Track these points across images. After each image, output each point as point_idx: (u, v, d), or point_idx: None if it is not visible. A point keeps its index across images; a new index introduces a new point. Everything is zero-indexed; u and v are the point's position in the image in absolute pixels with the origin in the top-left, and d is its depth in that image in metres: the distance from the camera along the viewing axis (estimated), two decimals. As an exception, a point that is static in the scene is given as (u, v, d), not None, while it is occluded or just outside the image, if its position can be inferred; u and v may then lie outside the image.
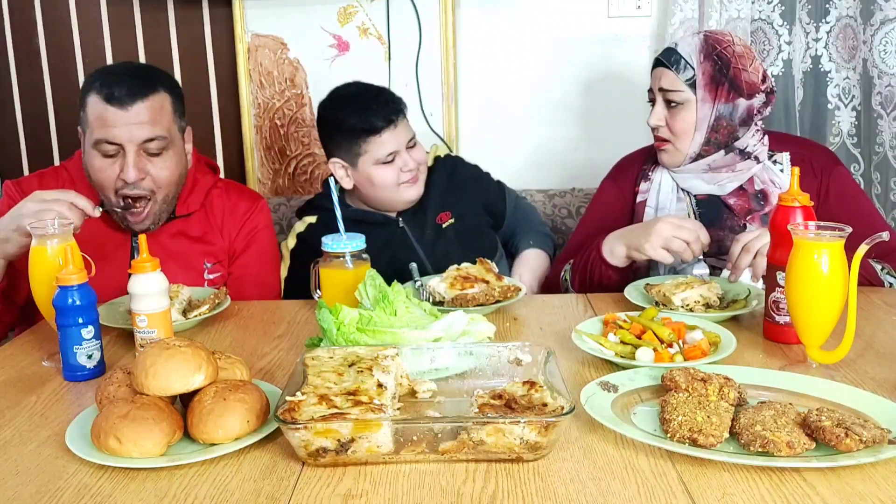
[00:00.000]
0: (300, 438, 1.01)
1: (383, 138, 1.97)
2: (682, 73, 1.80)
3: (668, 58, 1.83)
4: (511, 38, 2.60)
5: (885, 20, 2.26)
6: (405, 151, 2.00)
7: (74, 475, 1.04)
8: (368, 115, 1.96)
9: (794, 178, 1.44)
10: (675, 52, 1.82)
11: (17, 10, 2.70)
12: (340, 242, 1.54)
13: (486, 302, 1.61)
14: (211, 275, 1.91)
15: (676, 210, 1.89)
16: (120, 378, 1.17)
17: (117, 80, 1.72)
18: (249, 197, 2.03)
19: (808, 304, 1.27)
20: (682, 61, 1.80)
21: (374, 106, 1.98)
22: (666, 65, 1.82)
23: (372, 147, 1.97)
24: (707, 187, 1.88)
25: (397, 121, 1.99)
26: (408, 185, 2.03)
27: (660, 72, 1.84)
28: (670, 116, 1.83)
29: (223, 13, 2.63)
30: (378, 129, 1.96)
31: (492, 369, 1.24)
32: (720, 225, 1.85)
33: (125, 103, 1.70)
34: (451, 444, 1.02)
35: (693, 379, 1.14)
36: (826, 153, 1.93)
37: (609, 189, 2.02)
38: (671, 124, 1.83)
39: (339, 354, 1.21)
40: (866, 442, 0.98)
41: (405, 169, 2.00)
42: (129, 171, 1.71)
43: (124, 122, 1.70)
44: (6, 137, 2.79)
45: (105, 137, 1.70)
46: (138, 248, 1.38)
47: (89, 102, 1.73)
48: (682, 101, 1.81)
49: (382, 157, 1.98)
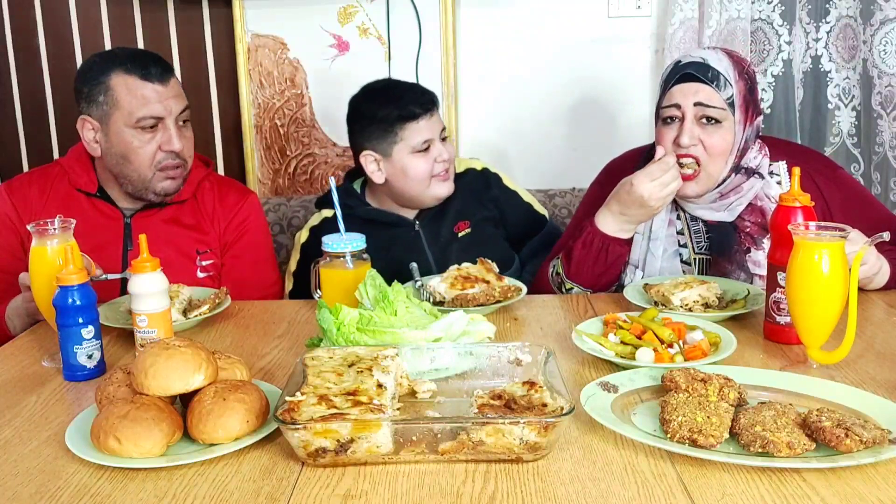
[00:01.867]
0: (300, 439, 1.01)
1: (420, 125, 1.97)
2: (723, 91, 1.68)
3: (703, 73, 1.69)
4: (511, 38, 2.60)
5: (885, 20, 2.27)
6: (439, 142, 2.01)
7: (74, 475, 1.04)
8: (405, 102, 1.98)
9: (794, 178, 1.44)
10: (710, 67, 1.69)
11: (17, 10, 2.70)
12: (340, 242, 1.54)
13: (487, 302, 1.61)
14: (204, 261, 1.94)
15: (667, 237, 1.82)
16: (120, 378, 1.17)
17: (144, 60, 1.81)
18: (239, 190, 2.06)
19: (809, 304, 1.27)
20: (720, 77, 1.68)
21: (410, 95, 2.01)
22: (703, 80, 1.68)
23: (408, 134, 1.97)
24: (718, 215, 1.78)
25: (433, 110, 2.01)
26: (439, 181, 2.02)
27: (694, 87, 1.69)
28: (706, 135, 1.69)
29: (223, 13, 2.63)
30: (415, 115, 1.97)
31: (492, 369, 1.24)
32: (729, 257, 1.77)
33: (163, 79, 1.80)
34: (450, 444, 1.02)
35: (693, 379, 1.14)
36: (823, 161, 1.86)
37: (598, 194, 1.92)
38: (707, 143, 1.69)
39: (338, 354, 1.21)
40: (866, 442, 0.98)
41: (439, 159, 2.00)
42: (175, 142, 1.81)
43: (165, 96, 1.80)
44: (6, 137, 2.79)
45: (149, 113, 1.79)
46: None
47: (115, 85, 1.79)
48: (721, 119, 1.68)
49: (418, 144, 1.97)
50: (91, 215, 1.87)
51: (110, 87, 1.78)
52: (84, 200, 1.89)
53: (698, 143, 1.70)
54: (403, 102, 1.98)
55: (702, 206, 1.79)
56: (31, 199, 1.88)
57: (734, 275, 1.75)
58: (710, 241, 1.80)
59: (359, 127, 2.04)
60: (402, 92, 2.02)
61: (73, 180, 1.89)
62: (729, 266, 1.77)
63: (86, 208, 1.88)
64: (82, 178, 1.89)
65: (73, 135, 1.86)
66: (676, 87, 1.72)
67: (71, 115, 2.72)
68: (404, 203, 2.08)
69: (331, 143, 2.69)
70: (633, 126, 2.59)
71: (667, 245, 1.83)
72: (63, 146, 2.77)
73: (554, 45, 2.59)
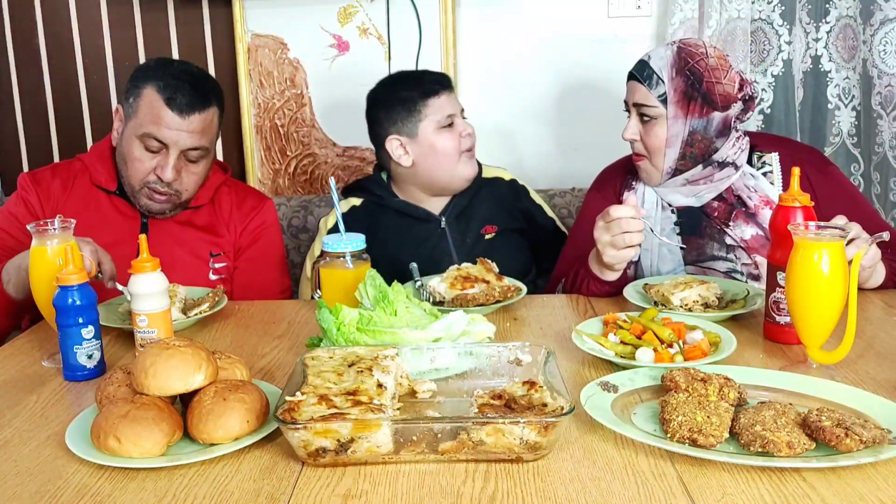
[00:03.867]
0: (300, 438, 1.01)
1: (441, 100, 2.02)
2: (655, 89, 1.76)
3: (640, 72, 1.78)
4: (511, 38, 2.60)
5: (884, 20, 2.27)
6: (461, 118, 2.06)
7: (74, 475, 1.04)
8: (425, 80, 2.05)
9: (794, 178, 1.44)
10: (647, 66, 1.78)
11: (17, 10, 2.70)
12: (340, 242, 1.54)
13: (486, 302, 1.61)
14: (217, 264, 1.96)
15: (661, 220, 1.86)
16: (120, 378, 1.17)
17: (180, 85, 1.79)
18: (256, 196, 2.09)
19: (809, 304, 1.27)
20: (654, 76, 1.76)
21: (428, 75, 2.09)
22: (639, 79, 1.78)
23: (431, 110, 2.01)
24: (686, 199, 1.85)
25: (450, 88, 2.07)
26: (467, 157, 2.04)
27: (633, 86, 1.80)
28: (644, 131, 1.80)
29: (223, 13, 2.63)
30: (436, 90, 2.02)
31: (492, 369, 1.24)
32: (700, 233, 1.83)
33: (184, 111, 1.78)
34: (450, 444, 1.02)
35: (693, 379, 1.14)
36: (817, 156, 1.90)
37: (594, 201, 1.97)
38: (645, 139, 1.80)
39: (338, 354, 1.21)
40: (866, 442, 0.98)
41: (464, 133, 2.03)
42: (168, 172, 1.81)
43: (177, 127, 1.79)
44: (6, 137, 2.79)
45: (155, 135, 1.79)
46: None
47: (145, 95, 1.80)
48: (655, 115, 1.77)
49: (443, 119, 2.01)
50: (109, 213, 1.90)
51: (140, 95, 1.81)
52: (103, 198, 1.91)
53: (639, 139, 1.81)
54: (423, 81, 2.05)
55: (672, 191, 1.86)
56: (54, 192, 1.91)
57: (708, 248, 1.81)
58: (680, 226, 1.85)
59: (382, 114, 2.05)
60: (419, 74, 2.11)
61: (94, 177, 1.91)
62: (700, 240, 1.83)
63: (104, 205, 1.90)
64: (102, 175, 1.91)
65: (72, 135, 1.86)
66: (627, 86, 1.83)
67: (71, 115, 2.75)
68: (432, 190, 2.07)
69: (331, 143, 2.69)
70: (633, 126, 2.59)
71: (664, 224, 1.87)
72: (63, 146, 2.77)
73: (554, 45, 2.59)
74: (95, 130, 2.75)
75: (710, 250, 1.81)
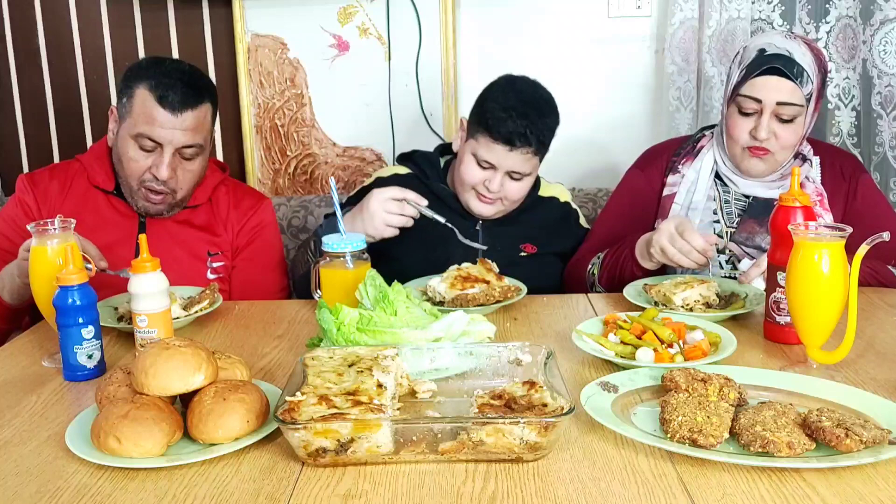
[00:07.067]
0: (300, 439, 1.01)
1: (496, 149, 1.86)
2: (804, 87, 1.71)
3: (789, 68, 1.70)
4: (511, 38, 2.60)
5: (884, 20, 2.26)
6: (503, 176, 1.89)
7: (74, 475, 1.04)
8: (512, 126, 1.83)
9: (794, 178, 1.44)
10: (796, 63, 1.70)
11: (17, 10, 2.70)
12: (340, 242, 1.54)
13: (487, 302, 1.61)
14: (215, 263, 1.96)
15: (704, 209, 1.86)
16: (120, 378, 1.16)
17: (171, 83, 1.79)
18: (254, 195, 2.09)
19: (809, 304, 1.27)
20: (805, 74, 1.70)
21: (522, 127, 1.84)
22: (788, 76, 1.70)
23: (482, 147, 1.88)
24: (770, 193, 1.83)
25: (525, 153, 1.86)
26: (475, 198, 1.94)
27: (778, 82, 1.71)
28: (780, 129, 1.74)
29: (223, 13, 2.63)
30: (502, 140, 1.84)
31: (492, 369, 1.24)
32: (760, 221, 1.82)
33: (176, 109, 1.78)
34: (450, 444, 1.02)
35: (693, 379, 1.14)
36: (853, 160, 1.93)
37: (636, 178, 1.97)
38: (780, 136, 1.75)
39: (338, 354, 1.21)
40: (866, 442, 0.98)
41: (485, 186, 1.90)
42: (163, 170, 1.80)
43: (171, 125, 1.78)
44: (6, 137, 2.79)
45: (149, 134, 1.79)
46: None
47: (138, 94, 1.80)
48: (799, 114, 1.73)
49: (480, 157, 1.88)
50: (107, 212, 1.90)
51: (133, 95, 1.80)
52: (101, 198, 1.91)
53: (772, 138, 1.75)
54: (510, 126, 1.83)
55: (757, 184, 1.85)
56: (51, 193, 1.91)
57: (759, 236, 1.81)
58: (748, 211, 1.84)
59: (480, 99, 1.96)
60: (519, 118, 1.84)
61: (92, 177, 1.92)
62: (758, 228, 1.82)
63: (102, 205, 1.91)
64: (100, 175, 1.91)
65: (72, 135, 1.86)
66: (760, 80, 1.73)
67: (71, 115, 2.75)
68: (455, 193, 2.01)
69: (331, 143, 2.69)
70: (632, 126, 2.59)
71: (703, 216, 1.87)
72: (63, 146, 2.77)
73: (554, 45, 2.59)
74: (95, 131, 2.75)
75: (760, 241, 1.82)
